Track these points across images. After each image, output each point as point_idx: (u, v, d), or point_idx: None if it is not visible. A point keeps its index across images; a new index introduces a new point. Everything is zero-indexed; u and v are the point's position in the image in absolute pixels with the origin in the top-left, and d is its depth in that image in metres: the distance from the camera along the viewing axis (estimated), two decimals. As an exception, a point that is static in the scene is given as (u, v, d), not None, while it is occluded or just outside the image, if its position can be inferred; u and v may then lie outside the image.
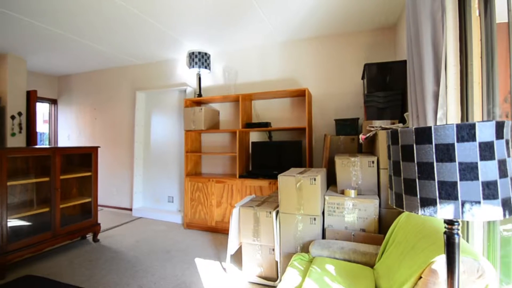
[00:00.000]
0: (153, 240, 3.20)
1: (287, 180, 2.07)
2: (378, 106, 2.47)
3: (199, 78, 3.84)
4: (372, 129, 2.21)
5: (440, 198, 0.73)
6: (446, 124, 1.45)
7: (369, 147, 2.56)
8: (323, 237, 2.08)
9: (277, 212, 2.16)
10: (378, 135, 2.09)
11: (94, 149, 3.18)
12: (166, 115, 4.35)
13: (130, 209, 4.42)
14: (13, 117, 4.10)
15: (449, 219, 0.81)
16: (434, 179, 0.74)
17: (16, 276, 2.30)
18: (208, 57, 3.73)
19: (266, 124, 3.24)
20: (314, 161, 3.31)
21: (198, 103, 3.87)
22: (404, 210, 0.83)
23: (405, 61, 2.44)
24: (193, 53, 3.64)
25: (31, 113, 4.34)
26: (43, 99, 5.16)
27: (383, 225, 2.02)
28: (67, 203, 2.96)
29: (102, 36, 3.34)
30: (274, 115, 3.56)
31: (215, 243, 3.07)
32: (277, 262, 2.14)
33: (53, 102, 5.40)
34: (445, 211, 0.73)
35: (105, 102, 4.86)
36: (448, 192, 0.72)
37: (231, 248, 2.33)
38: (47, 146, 4.98)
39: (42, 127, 5.54)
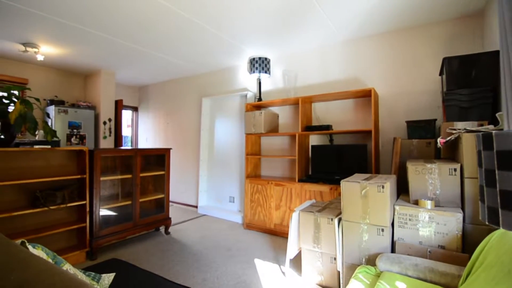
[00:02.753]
0: (216, 237, 3.38)
1: (351, 186, 1.96)
2: (461, 105, 2.15)
3: (259, 83, 3.93)
4: (454, 131, 1.93)
5: (554, 216, 0.59)
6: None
7: (449, 153, 2.24)
8: (392, 250, 1.90)
9: (340, 220, 2.05)
10: (461, 138, 1.82)
11: (167, 150, 3.54)
12: (228, 119, 4.58)
13: (196, 207, 4.77)
14: (104, 123, 4.84)
15: None
16: (545, 193, 0.61)
17: (104, 258, 2.70)
18: (268, 62, 3.80)
19: (327, 127, 3.13)
20: (381, 166, 3.06)
21: (258, 107, 3.96)
22: (500, 228, 0.70)
23: (497, 52, 2.08)
24: (253, 59, 3.76)
25: (118, 119, 5.06)
26: (127, 107, 5.98)
27: (468, 243, 1.74)
28: (144, 197, 3.36)
29: (175, 49, 3.70)
30: (335, 118, 3.42)
31: (273, 246, 3.08)
32: (339, 272, 2.04)
33: (135, 109, 6.21)
34: (562, 233, 0.59)
35: (176, 108, 5.37)
36: None
37: (291, 252, 2.30)
38: (130, 147, 5.74)
39: (126, 131, 6.41)
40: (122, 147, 5.08)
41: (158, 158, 3.62)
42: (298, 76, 3.75)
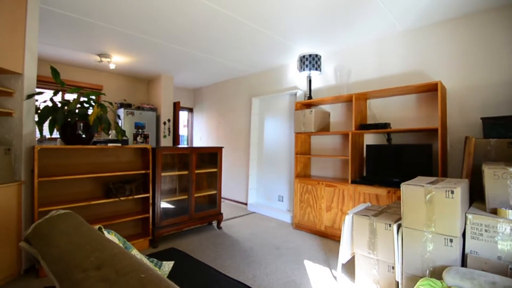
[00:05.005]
0: (265, 235, 3.41)
1: (414, 190, 1.78)
2: (558, 98, 1.80)
3: (310, 81, 3.85)
4: (547, 130, 1.62)
5: None
6: None
7: (539, 155, 1.89)
8: (463, 264, 1.68)
9: (399, 226, 1.89)
10: (557, 138, 1.52)
11: (219, 149, 3.70)
12: (277, 118, 4.58)
13: (245, 204, 4.90)
14: (164, 123, 5.27)
15: None
16: None
17: (164, 247, 2.94)
18: (319, 59, 3.69)
19: (385, 125, 2.91)
20: (449, 169, 2.73)
21: (308, 106, 3.88)
22: None
23: None
24: (303, 56, 3.69)
25: (176, 120, 5.46)
26: (183, 108, 6.42)
27: None
28: (199, 193, 3.56)
29: (227, 52, 3.85)
30: (393, 115, 3.16)
31: (324, 248, 2.99)
32: (397, 282, 1.88)
33: (190, 110, 6.63)
34: None
35: (227, 108, 5.58)
36: None
37: (343, 257, 2.20)
38: (186, 146, 6.15)
39: (182, 130, 6.88)
40: (179, 146, 5.47)
41: (211, 156, 3.81)
42: (352, 72, 3.56)
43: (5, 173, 2.17)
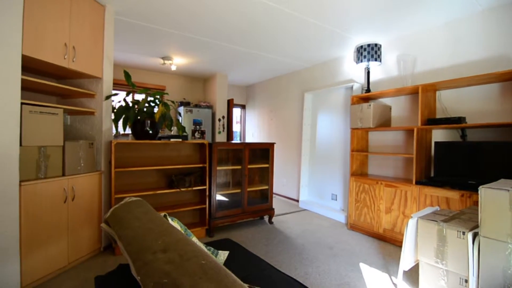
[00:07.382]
0: (317, 233, 3.34)
1: (496, 195, 1.54)
2: None
3: (368, 72, 3.60)
4: None
5: None
6: None
7: None
8: None
9: (475, 235, 1.66)
10: None
11: (271, 145, 3.72)
12: (331, 113, 4.40)
13: (297, 200, 4.85)
14: (219, 120, 5.52)
15: None
16: None
17: (219, 237, 3.09)
18: (379, 48, 3.42)
19: (459, 120, 2.57)
20: (543, 171, 2.29)
21: (366, 99, 3.64)
22: None
23: None
24: (361, 47, 3.46)
25: (230, 116, 5.67)
26: (236, 105, 6.62)
27: None
28: (251, 187, 3.65)
29: (279, 47, 3.83)
30: (469, 108, 2.76)
31: (382, 252, 2.79)
32: (472, 298, 1.66)
33: (243, 107, 6.81)
34: None
35: (279, 104, 5.57)
36: None
37: (405, 263, 2.03)
38: (239, 141, 6.35)
39: (235, 126, 7.11)
40: (233, 141, 5.67)
41: (263, 152, 3.86)
42: (417, 60, 3.21)
43: (89, 163, 2.54)
